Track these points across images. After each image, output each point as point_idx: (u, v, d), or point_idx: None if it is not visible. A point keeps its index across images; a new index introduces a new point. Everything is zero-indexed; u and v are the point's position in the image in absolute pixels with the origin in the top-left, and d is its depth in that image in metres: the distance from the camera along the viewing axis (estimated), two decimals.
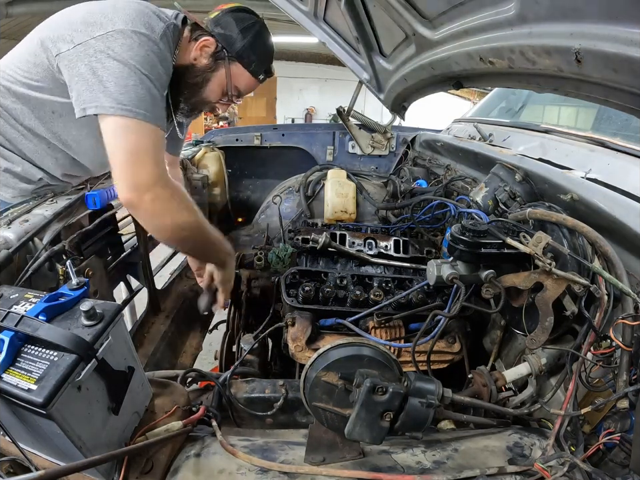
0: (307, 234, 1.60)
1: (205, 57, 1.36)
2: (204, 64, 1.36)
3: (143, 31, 1.15)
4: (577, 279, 0.88)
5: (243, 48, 1.35)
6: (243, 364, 1.38)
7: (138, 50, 1.12)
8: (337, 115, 2.66)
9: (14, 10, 5.76)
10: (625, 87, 0.81)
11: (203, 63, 1.36)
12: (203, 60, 1.36)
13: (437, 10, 1.30)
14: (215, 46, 1.35)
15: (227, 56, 1.35)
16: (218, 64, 1.37)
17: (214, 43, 1.34)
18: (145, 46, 1.14)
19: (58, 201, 1.38)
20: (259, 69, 1.41)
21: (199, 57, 1.36)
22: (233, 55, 1.35)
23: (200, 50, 1.35)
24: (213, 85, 1.40)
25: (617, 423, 0.82)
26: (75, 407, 0.69)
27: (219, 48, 1.35)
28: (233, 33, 1.33)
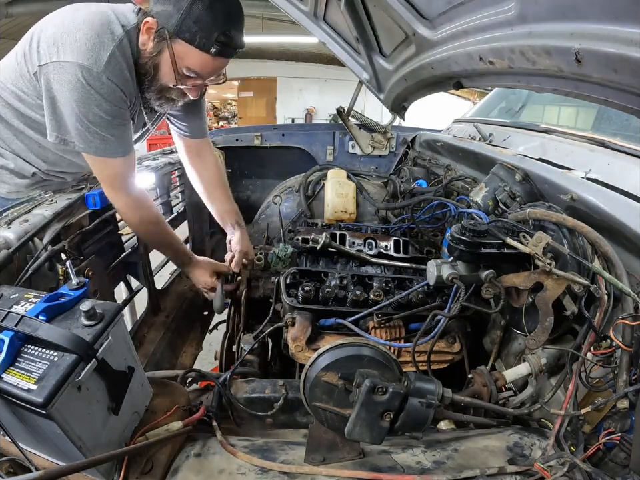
0: (306, 234, 1.60)
1: (151, 39, 1.25)
2: (150, 48, 1.26)
3: (86, 64, 1.17)
4: (577, 279, 0.88)
5: (179, 21, 1.18)
6: (243, 364, 1.38)
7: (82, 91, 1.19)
8: (337, 114, 2.66)
9: (14, 10, 5.77)
10: (625, 86, 0.81)
11: (149, 46, 1.26)
12: (150, 43, 1.26)
13: (437, 10, 1.29)
14: (156, 25, 1.22)
15: (167, 34, 1.22)
16: (162, 45, 1.24)
17: (154, 22, 1.22)
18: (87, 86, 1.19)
19: (58, 201, 1.38)
20: (206, 40, 1.21)
21: (146, 41, 1.26)
22: (172, 31, 1.20)
23: (145, 33, 1.25)
24: (164, 70, 1.29)
25: (616, 423, 0.81)
26: (75, 407, 0.69)
27: (159, 26, 1.22)
28: (169, 6, 1.19)
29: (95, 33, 1.19)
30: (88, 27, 1.19)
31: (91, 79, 1.18)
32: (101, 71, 1.18)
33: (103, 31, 1.20)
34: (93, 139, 1.26)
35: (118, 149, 1.31)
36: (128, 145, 1.36)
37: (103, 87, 1.21)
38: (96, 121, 1.24)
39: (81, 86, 1.18)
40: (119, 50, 1.22)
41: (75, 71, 1.17)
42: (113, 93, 1.24)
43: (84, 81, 1.18)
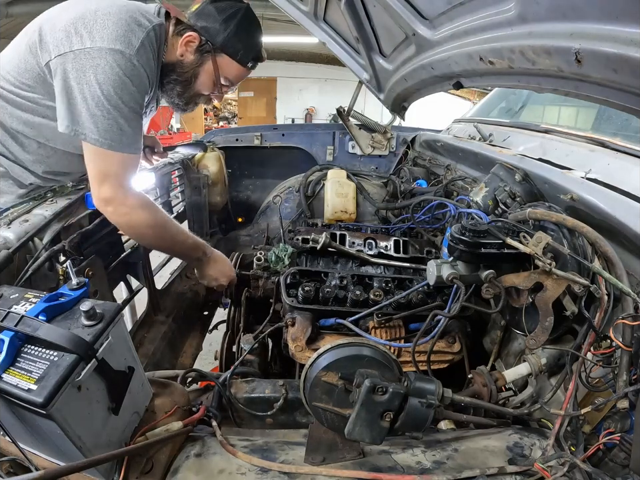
0: (307, 234, 1.60)
1: (191, 52, 1.36)
2: (191, 59, 1.37)
3: (118, 47, 1.18)
4: (577, 279, 0.88)
5: (226, 38, 1.34)
6: (243, 364, 1.38)
7: (110, 73, 1.17)
8: (337, 114, 2.66)
9: (14, 10, 5.77)
10: (625, 86, 0.81)
11: (189, 58, 1.37)
12: (190, 55, 1.37)
13: (437, 10, 1.30)
14: (199, 40, 1.34)
15: (212, 49, 1.35)
16: (204, 57, 1.37)
17: (197, 37, 1.34)
18: (117, 67, 1.18)
19: (58, 201, 1.38)
20: (246, 57, 1.40)
21: (185, 52, 1.36)
22: (218, 47, 1.35)
23: (185, 46, 1.35)
24: (203, 79, 1.41)
25: (617, 422, 0.82)
26: (75, 406, 0.69)
27: (203, 41, 1.35)
28: (216, 25, 1.33)
29: (125, 22, 1.21)
30: (116, 16, 1.21)
31: (122, 61, 1.18)
32: (133, 54, 1.20)
33: (131, 21, 1.22)
34: (110, 127, 1.21)
35: (132, 143, 1.28)
36: (140, 143, 1.33)
37: (133, 69, 1.21)
38: (119, 106, 1.20)
39: (109, 68, 1.17)
40: (148, 39, 1.25)
41: (105, 55, 1.17)
42: (140, 78, 1.24)
43: (114, 63, 1.17)
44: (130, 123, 1.25)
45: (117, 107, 1.21)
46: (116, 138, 1.23)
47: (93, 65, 1.17)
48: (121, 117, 1.22)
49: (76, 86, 1.18)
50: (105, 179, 1.26)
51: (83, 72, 1.17)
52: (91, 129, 1.20)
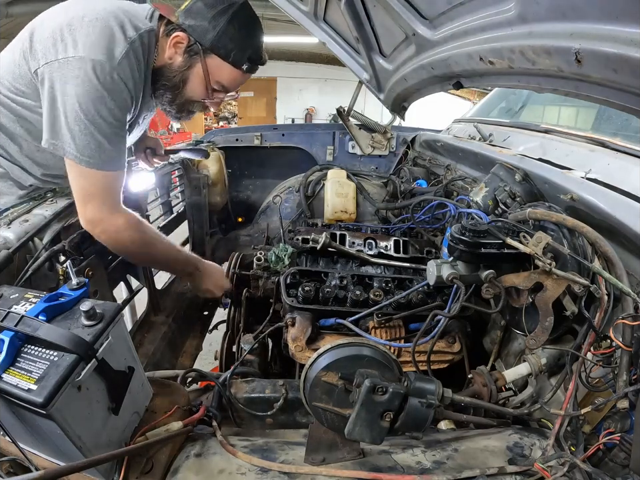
0: (306, 234, 1.59)
1: (179, 53, 1.26)
2: (179, 62, 1.27)
3: (99, 58, 1.12)
4: (577, 279, 0.88)
5: (216, 37, 1.21)
6: (243, 364, 1.38)
7: (88, 86, 1.12)
8: (337, 115, 2.66)
9: (14, 10, 5.77)
10: (625, 86, 0.81)
11: (178, 61, 1.27)
12: (178, 58, 1.27)
13: (437, 10, 1.29)
14: (187, 40, 1.24)
15: (201, 49, 1.24)
16: (194, 59, 1.26)
17: (185, 37, 1.23)
18: (95, 80, 1.12)
19: (58, 201, 1.38)
20: (240, 57, 1.26)
21: (173, 55, 1.27)
22: (207, 47, 1.23)
23: (173, 47, 1.25)
24: (193, 84, 1.30)
25: (617, 422, 0.82)
26: (75, 406, 0.69)
27: (191, 42, 1.24)
28: (204, 22, 1.20)
29: (110, 29, 1.16)
30: (101, 23, 1.16)
31: (102, 74, 1.13)
32: (114, 67, 1.14)
33: (117, 29, 1.17)
34: (88, 143, 1.15)
35: (113, 160, 1.21)
36: (123, 158, 1.27)
37: (112, 84, 1.15)
38: (96, 121, 1.15)
39: (88, 80, 1.12)
40: (132, 51, 1.18)
41: (85, 65, 1.11)
42: (120, 93, 1.18)
43: (93, 75, 1.12)
44: (109, 139, 1.19)
45: (93, 122, 1.15)
46: (94, 155, 1.17)
47: (73, 76, 1.12)
48: (99, 133, 1.17)
49: (59, 97, 1.14)
50: (88, 199, 1.21)
51: (65, 82, 1.13)
52: (69, 143, 1.16)
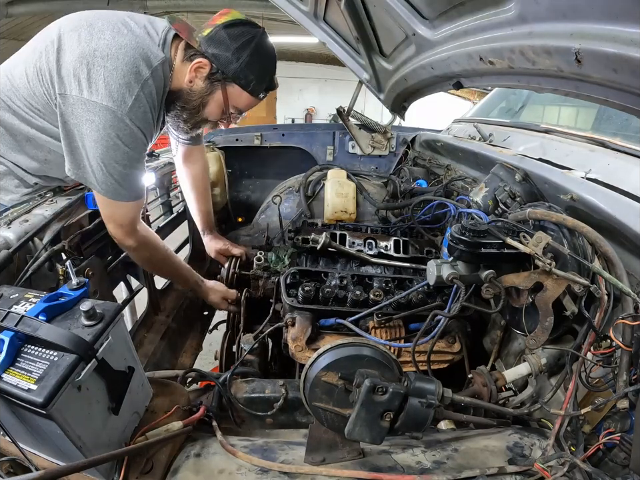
0: (306, 234, 1.59)
1: (200, 79, 1.31)
2: (200, 87, 1.33)
3: (111, 106, 1.17)
4: (577, 279, 0.88)
5: (238, 69, 1.28)
6: (243, 364, 1.38)
7: (103, 135, 1.19)
8: (337, 114, 2.66)
9: (14, 10, 5.77)
10: (625, 86, 0.81)
11: (199, 85, 1.33)
12: (199, 82, 1.32)
13: (437, 10, 1.29)
14: (210, 67, 1.29)
15: (223, 78, 1.30)
16: (214, 86, 1.32)
17: (208, 64, 1.29)
18: (109, 129, 1.19)
19: (58, 201, 1.38)
20: (258, 87, 1.35)
21: (194, 79, 1.32)
22: (229, 76, 1.29)
23: (194, 72, 1.30)
24: (211, 107, 1.37)
25: (617, 422, 0.82)
26: (75, 406, 0.69)
27: (213, 69, 1.29)
28: (228, 53, 1.26)
29: (121, 72, 1.18)
30: (113, 64, 1.18)
31: (115, 122, 1.19)
32: (125, 113, 1.19)
33: (128, 71, 1.19)
34: (109, 179, 1.25)
35: (131, 193, 1.31)
36: (141, 189, 1.36)
37: (125, 129, 1.21)
38: (111, 164, 1.23)
39: (102, 128, 1.18)
40: (144, 91, 1.23)
41: (99, 112, 1.17)
42: (134, 137, 1.24)
43: (107, 124, 1.18)
44: (125, 177, 1.27)
45: (109, 165, 1.23)
46: (111, 189, 1.27)
47: (88, 119, 1.18)
48: (116, 174, 1.25)
49: (76, 133, 1.21)
50: (108, 220, 1.37)
51: (80, 122, 1.19)
52: (91, 176, 1.25)
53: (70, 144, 1.24)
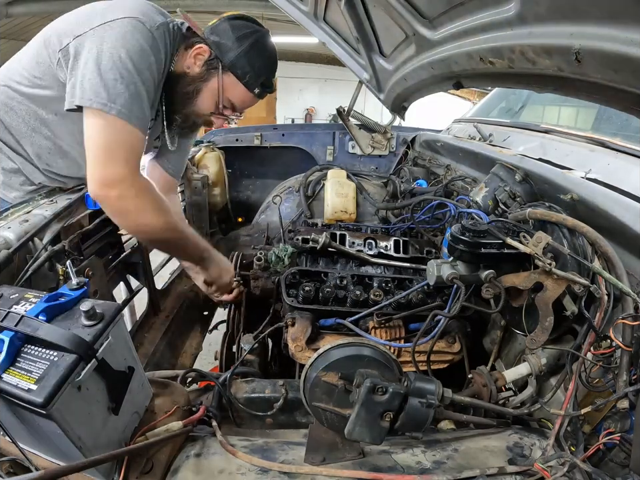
0: (306, 234, 1.59)
1: (198, 65, 1.32)
2: (196, 72, 1.32)
3: (140, 17, 1.15)
4: (577, 279, 0.88)
5: (236, 57, 1.29)
6: (243, 364, 1.38)
7: (129, 36, 1.12)
8: (337, 115, 2.66)
9: (14, 10, 5.77)
10: (625, 86, 0.81)
11: (195, 71, 1.32)
12: (196, 68, 1.32)
13: (437, 10, 1.29)
14: (209, 54, 1.30)
15: (220, 65, 1.30)
16: (210, 73, 1.32)
17: (207, 50, 1.30)
18: (138, 34, 1.13)
19: (58, 201, 1.38)
20: (254, 81, 1.34)
21: (192, 64, 1.32)
22: (226, 64, 1.30)
23: (193, 57, 1.31)
24: (205, 96, 1.35)
25: (616, 422, 0.82)
26: (75, 406, 0.69)
27: (212, 56, 1.30)
28: (228, 41, 1.28)
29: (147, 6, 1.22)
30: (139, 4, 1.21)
31: (144, 30, 1.15)
32: (154, 28, 1.17)
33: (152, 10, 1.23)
34: (122, 92, 1.08)
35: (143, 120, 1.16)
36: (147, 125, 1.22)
37: (153, 42, 1.17)
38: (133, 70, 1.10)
39: (130, 34, 1.11)
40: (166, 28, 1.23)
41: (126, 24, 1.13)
42: (158, 52, 1.20)
43: (134, 30, 1.13)
44: (142, 95, 1.13)
45: (131, 71, 1.10)
46: (127, 105, 1.09)
47: (111, 34, 1.11)
48: (138, 83, 1.11)
49: (91, 58, 1.09)
50: (110, 155, 1.10)
51: (102, 42, 1.10)
52: (99, 93, 1.07)
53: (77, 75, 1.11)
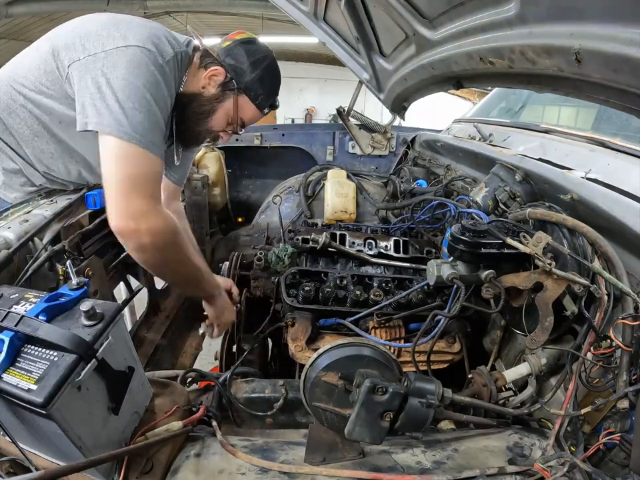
0: (306, 234, 1.59)
1: (214, 86, 1.34)
2: (212, 93, 1.35)
3: (152, 49, 1.16)
4: (577, 279, 0.88)
5: (251, 81, 1.34)
6: (243, 364, 1.38)
7: (145, 68, 1.13)
8: (337, 115, 2.66)
9: (14, 10, 5.78)
10: (625, 86, 0.81)
11: (211, 92, 1.35)
12: (211, 89, 1.35)
13: (437, 10, 1.29)
14: (225, 76, 1.33)
15: (236, 87, 1.34)
16: (226, 94, 1.35)
17: (223, 72, 1.33)
18: (152, 65, 1.15)
19: (58, 201, 1.38)
20: (265, 102, 1.42)
21: (207, 85, 1.35)
22: (242, 87, 1.34)
23: (209, 79, 1.34)
24: (219, 115, 1.39)
25: (617, 422, 0.82)
26: (75, 406, 0.69)
27: (227, 78, 1.34)
28: (244, 65, 1.33)
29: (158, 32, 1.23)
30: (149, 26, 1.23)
31: (156, 62, 1.15)
32: (165, 62, 1.19)
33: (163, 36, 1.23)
34: (142, 121, 1.07)
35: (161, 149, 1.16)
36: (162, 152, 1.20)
37: (165, 74, 1.18)
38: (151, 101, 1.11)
39: (144, 63, 1.13)
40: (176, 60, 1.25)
41: (140, 53, 1.13)
42: (169, 84, 1.21)
43: (148, 60, 1.13)
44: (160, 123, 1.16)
45: (150, 101, 1.11)
46: (147, 134, 1.08)
47: (126, 61, 1.10)
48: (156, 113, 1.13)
49: (104, 81, 1.08)
50: (133, 187, 1.06)
51: (115, 68, 1.10)
52: (119, 120, 1.05)
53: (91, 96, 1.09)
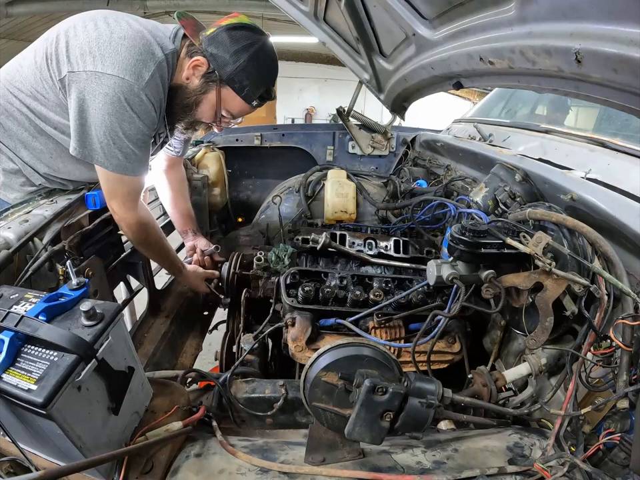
0: (306, 234, 1.59)
1: (197, 77, 1.31)
2: (195, 85, 1.32)
3: (128, 78, 1.17)
4: (577, 279, 0.88)
5: (234, 72, 1.28)
6: (243, 364, 1.38)
7: (118, 107, 1.19)
8: (337, 115, 2.66)
9: (14, 10, 5.78)
10: (625, 86, 0.81)
11: (194, 83, 1.33)
12: (195, 80, 1.32)
13: (437, 10, 1.29)
14: (207, 66, 1.29)
15: (218, 79, 1.30)
16: (209, 86, 1.32)
17: (205, 63, 1.29)
18: (125, 102, 1.19)
19: (58, 201, 1.38)
20: (252, 94, 1.34)
21: (191, 76, 1.32)
22: (224, 79, 1.29)
23: (192, 69, 1.31)
24: (204, 107, 1.37)
25: (617, 422, 0.81)
26: (75, 407, 0.69)
27: (210, 69, 1.29)
28: (225, 55, 1.27)
29: (138, 50, 1.20)
30: (130, 42, 1.20)
31: (130, 95, 1.19)
32: (141, 88, 1.20)
33: (145, 50, 1.22)
34: (117, 153, 1.25)
35: (137, 167, 1.32)
36: (145, 166, 1.37)
37: (140, 105, 1.22)
38: (123, 137, 1.23)
39: (117, 100, 1.18)
40: (159, 71, 1.24)
41: (114, 85, 1.17)
42: (147, 113, 1.25)
43: (122, 96, 1.18)
44: (134, 152, 1.28)
45: (121, 139, 1.24)
46: (120, 163, 1.27)
47: (102, 93, 1.17)
48: (126, 148, 1.26)
49: (89, 110, 1.19)
50: (112, 197, 1.35)
51: (94, 97, 1.18)
52: (98, 152, 1.25)
53: (81, 122, 1.21)
